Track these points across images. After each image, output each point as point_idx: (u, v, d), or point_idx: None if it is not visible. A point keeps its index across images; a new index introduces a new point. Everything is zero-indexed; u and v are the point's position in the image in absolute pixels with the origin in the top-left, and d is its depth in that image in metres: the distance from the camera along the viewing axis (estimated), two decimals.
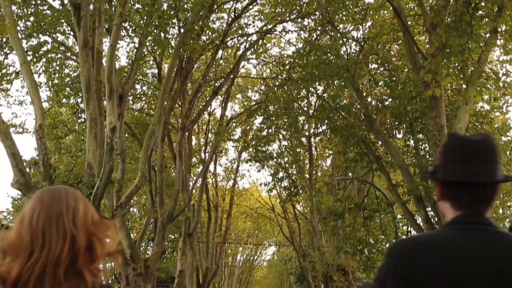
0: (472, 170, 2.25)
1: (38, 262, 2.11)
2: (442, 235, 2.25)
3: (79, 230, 2.23)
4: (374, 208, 24.97)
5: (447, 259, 2.14)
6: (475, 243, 2.16)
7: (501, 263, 2.08)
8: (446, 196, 2.33)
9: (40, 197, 2.35)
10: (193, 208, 41.86)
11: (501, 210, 24.53)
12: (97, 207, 19.32)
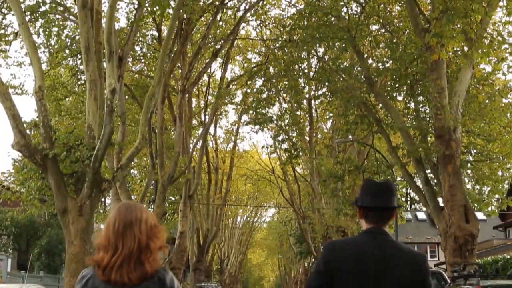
0: (377, 200, 3.48)
1: (120, 255, 3.23)
2: (358, 240, 3.51)
3: (142, 234, 3.32)
4: (374, 170, 25.03)
5: (354, 256, 3.38)
6: (374, 245, 3.42)
7: (385, 257, 3.37)
8: (363, 216, 3.57)
9: (119, 209, 3.45)
10: (193, 170, 42.02)
11: (500, 172, 24.60)
12: (97, 169, 19.40)
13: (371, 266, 3.30)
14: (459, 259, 16.61)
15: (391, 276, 3.27)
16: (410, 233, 59.99)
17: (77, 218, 19.18)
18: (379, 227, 3.49)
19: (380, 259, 3.33)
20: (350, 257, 3.35)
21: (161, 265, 3.36)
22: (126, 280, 3.21)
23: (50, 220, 35.14)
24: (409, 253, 3.44)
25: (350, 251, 3.39)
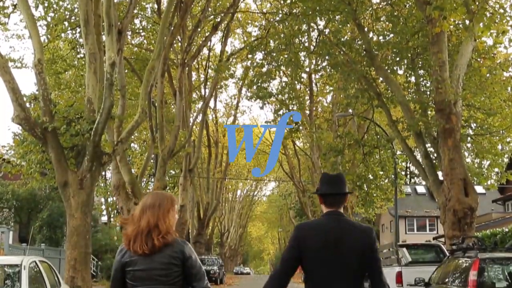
0: (332, 188, 4.43)
1: (135, 231, 4.15)
2: (319, 220, 4.47)
3: (153, 217, 4.17)
4: (373, 144, 25.06)
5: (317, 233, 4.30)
6: (333, 223, 4.34)
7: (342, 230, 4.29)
8: (323, 202, 4.47)
9: (147, 196, 4.42)
10: (193, 144, 42.07)
11: (500, 146, 24.62)
12: (97, 142, 19.42)
13: (332, 237, 4.27)
14: (458, 232, 16.71)
15: (346, 243, 4.25)
16: (410, 207, 60.25)
17: (77, 191, 19.25)
18: (336, 209, 4.43)
19: (338, 232, 4.29)
20: (316, 233, 4.33)
21: (176, 239, 4.18)
22: (140, 251, 4.09)
23: (51, 193, 35.28)
24: (360, 227, 4.41)
25: (316, 229, 4.38)
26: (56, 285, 9.66)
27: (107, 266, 39.83)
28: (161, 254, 4.08)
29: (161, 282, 4.06)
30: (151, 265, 4.07)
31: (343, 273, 4.21)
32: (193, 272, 4.14)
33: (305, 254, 4.26)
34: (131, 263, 4.14)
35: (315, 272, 4.24)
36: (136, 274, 4.12)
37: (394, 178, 27.32)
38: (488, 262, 10.25)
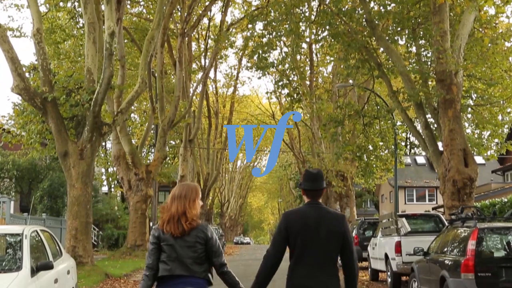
0: (312, 185, 5.29)
1: (167, 216, 5.11)
2: (302, 209, 5.29)
3: (181, 206, 5.13)
4: (374, 114, 25.03)
5: (301, 218, 5.18)
6: (312, 211, 5.22)
7: (320, 217, 5.17)
8: (305, 194, 5.34)
9: (176, 187, 5.32)
10: (193, 114, 42.03)
11: (500, 117, 24.58)
12: (97, 112, 19.40)
13: (312, 222, 5.19)
14: (457, 202, 16.79)
15: (324, 227, 5.19)
16: (409, 177, 60.43)
17: (78, 161, 19.30)
18: (315, 200, 5.37)
19: (317, 218, 5.20)
20: (299, 219, 5.22)
21: (200, 223, 5.19)
22: (172, 232, 5.11)
23: (52, 164, 35.35)
24: (334, 214, 5.34)
25: (299, 216, 5.26)
26: (57, 254, 9.72)
27: (108, 236, 40.10)
28: (189, 236, 5.12)
29: (188, 256, 5.10)
30: (180, 242, 5.10)
31: (320, 251, 5.17)
32: (214, 250, 5.18)
33: (291, 235, 5.19)
34: (165, 239, 5.15)
35: (297, 250, 5.17)
36: (170, 249, 5.13)
37: (394, 149, 27.34)
38: (487, 232, 10.31)
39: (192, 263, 5.08)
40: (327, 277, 5.12)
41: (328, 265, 5.15)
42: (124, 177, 30.49)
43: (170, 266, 5.07)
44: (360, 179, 37.54)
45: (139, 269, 23.64)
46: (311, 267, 5.12)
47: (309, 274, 5.10)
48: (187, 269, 5.07)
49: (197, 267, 5.09)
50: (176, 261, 5.07)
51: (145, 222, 30.66)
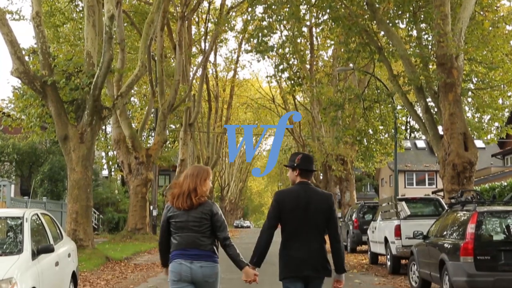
0: (307, 166, 5.86)
1: (177, 192, 5.69)
2: (294, 188, 5.80)
3: (192, 183, 5.70)
4: (374, 98, 24.98)
5: (292, 197, 5.73)
6: (303, 190, 5.75)
7: (309, 196, 5.71)
8: (298, 174, 5.86)
9: (189, 168, 5.93)
10: (193, 98, 41.95)
11: (501, 100, 24.52)
12: (97, 96, 19.37)
13: (302, 200, 5.76)
14: (457, 186, 16.81)
15: (313, 205, 5.75)
16: (409, 161, 60.48)
17: (78, 145, 19.31)
18: (306, 180, 5.92)
19: (307, 197, 5.77)
20: (291, 197, 5.80)
21: (207, 200, 5.74)
22: (181, 207, 5.69)
23: (52, 147, 35.36)
24: (321, 192, 5.91)
25: (290, 195, 5.82)
26: (58, 237, 9.75)
27: (109, 219, 40.21)
28: (196, 210, 5.66)
29: (195, 231, 5.66)
30: (188, 218, 5.65)
31: (309, 226, 5.74)
32: (218, 225, 5.71)
33: (283, 212, 5.74)
34: (174, 216, 5.72)
35: (289, 225, 5.75)
36: (177, 225, 5.71)
37: (394, 133, 27.32)
38: (486, 216, 10.34)
39: (200, 237, 5.66)
40: (317, 250, 5.70)
41: (316, 238, 5.73)
42: (124, 160, 30.52)
43: (181, 240, 5.69)
44: (360, 163, 37.55)
45: (139, 252, 23.75)
46: (301, 240, 5.71)
47: (299, 247, 5.70)
48: (195, 242, 5.65)
49: (205, 240, 5.66)
50: (186, 235, 5.68)
51: (145, 205, 30.74)
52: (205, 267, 5.62)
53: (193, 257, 5.62)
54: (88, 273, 15.75)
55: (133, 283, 14.29)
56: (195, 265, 5.61)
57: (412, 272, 13.08)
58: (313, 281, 5.74)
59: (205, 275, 5.62)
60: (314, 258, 5.67)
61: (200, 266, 5.61)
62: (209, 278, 5.63)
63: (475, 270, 9.73)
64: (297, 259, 5.65)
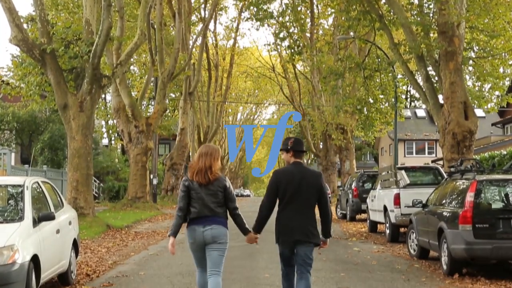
0: (297, 147, 6.86)
1: (196, 168, 6.76)
2: (289, 168, 6.84)
3: (208, 161, 6.74)
4: (374, 67, 24.86)
5: (288, 175, 6.78)
6: (296, 169, 6.79)
7: (302, 174, 6.76)
8: (293, 155, 6.84)
9: (202, 147, 6.97)
10: (193, 67, 41.76)
11: (502, 69, 24.42)
12: (96, 64, 19.29)
13: (296, 178, 6.76)
14: (456, 155, 16.84)
15: (305, 182, 6.75)
16: (409, 130, 60.49)
17: (78, 114, 19.29)
18: (299, 160, 6.93)
19: (300, 175, 6.78)
20: (286, 175, 6.83)
21: (221, 175, 6.83)
22: (200, 181, 6.76)
23: (52, 116, 35.31)
24: (312, 171, 6.94)
25: (286, 173, 6.85)
26: (59, 205, 9.80)
27: (109, 188, 40.34)
28: (212, 185, 6.77)
29: (211, 201, 6.74)
30: (205, 191, 6.75)
31: (302, 200, 6.77)
32: (230, 197, 6.86)
33: (280, 188, 6.80)
34: (193, 188, 6.78)
35: (285, 199, 6.78)
36: (196, 196, 6.76)
37: (394, 102, 27.28)
38: (485, 184, 10.38)
39: (215, 206, 6.75)
40: (307, 220, 6.75)
41: (308, 211, 6.77)
42: (124, 129, 30.52)
43: (199, 209, 6.74)
44: (360, 132, 37.59)
45: (140, 220, 23.88)
46: (295, 212, 6.75)
47: (292, 217, 6.76)
48: (211, 210, 6.74)
49: (219, 209, 6.78)
50: (203, 205, 6.74)
51: (145, 174, 30.82)
52: (216, 229, 6.71)
53: (207, 222, 6.72)
54: (89, 241, 15.87)
55: (134, 251, 14.41)
56: (207, 228, 6.71)
57: (410, 240, 13.17)
58: (303, 245, 6.72)
59: (214, 236, 6.69)
60: (304, 226, 6.73)
61: (211, 228, 6.71)
62: (218, 239, 6.70)
63: (474, 238, 9.80)
64: (289, 226, 6.74)
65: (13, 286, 7.09)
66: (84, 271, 10.88)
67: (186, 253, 13.70)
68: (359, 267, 11.41)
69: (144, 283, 9.74)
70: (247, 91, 70.72)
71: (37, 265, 7.80)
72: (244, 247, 12.17)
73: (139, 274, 10.70)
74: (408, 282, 9.81)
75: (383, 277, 10.21)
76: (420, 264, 11.94)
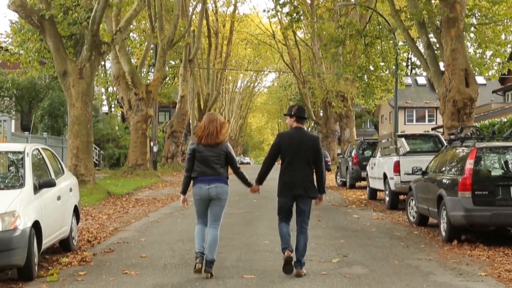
0: (300, 114, 7.92)
1: (205, 132, 7.68)
2: (291, 131, 7.93)
3: (216, 126, 7.66)
4: (375, 34, 24.66)
5: (289, 138, 7.83)
6: (297, 133, 7.83)
7: (302, 137, 7.78)
8: (295, 121, 7.88)
9: (207, 115, 7.89)
10: (193, 34, 41.50)
11: (504, 36, 24.25)
12: (95, 31, 19.15)
13: (296, 141, 7.74)
14: (456, 122, 16.81)
15: (304, 144, 7.72)
16: (410, 98, 60.37)
17: (77, 81, 19.22)
18: (301, 126, 7.87)
19: (300, 138, 7.75)
20: (288, 137, 7.83)
21: (224, 140, 7.74)
22: (209, 142, 7.63)
23: (51, 83, 35.21)
24: (311, 135, 7.94)
25: (288, 136, 7.85)
26: (59, 172, 9.81)
27: (109, 155, 40.42)
28: (217, 147, 7.72)
29: (215, 162, 7.72)
30: (210, 153, 7.71)
31: (300, 159, 7.77)
32: (232, 159, 7.88)
33: (282, 149, 7.84)
34: (199, 151, 7.74)
35: (286, 158, 7.82)
36: (201, 157, 7.74)
37: (395, 69, 27.15)
38: (485, 151, 10.38)
39: (218, 167, 7.75)
40: (306, 177, 7.77)
41: (306, 169, 7.78)
42: (124, 97, 30.45)
43: (203, 169, 7.73)
44: (360, 99, 37.47)
45: (140, 188, 23.98)
46: (295, 169, 7.78)
47: (293, 174, 7.78)
48: (215, 170, 7.73)
49: (221, 169, 7.77)
50: (207, 165, 7.72)
51: (145, 142, 30.86)
52: (220, 187, 7.72)
53: (211, 181, 7.70)
54: (90, 208, 15.96)
55: (134, 218, 14.49)
56: (212, 186, 7.70)
57: (410, 207, 13.23)
58: (303, 199, 7.79)
59: (218, 193, 7.72)
60: (303, 182, 7.75)
61: (215, 186, 7.70)
62: (221, 195, 7.74)
63: (473, 205, 9.85)
64: (290, 183, 7.78)
65: (15, 252, 7.14)
66: (85, 238, 10.96)
67: (186, 220, 13.82)
68: (359, 234, 11.48)
69: (145, 249, 9.81)
70: (247, 59, 70.36)
71: (39, 231, 7.84)
72: (244, 214, 12.23)
73: (139, 240, 10.77)
74: (407, 248, 9.87)
75: (382, 244, 10.28)
76: (419, 231, 12.02)
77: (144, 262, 8.68)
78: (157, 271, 8.04)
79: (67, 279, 7.59)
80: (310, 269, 8.04)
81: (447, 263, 8.66)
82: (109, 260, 8.84)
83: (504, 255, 9.23)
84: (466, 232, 10.73)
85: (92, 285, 7.27)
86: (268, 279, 7.54)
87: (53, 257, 9.06)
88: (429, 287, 7.14)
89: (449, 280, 7.52)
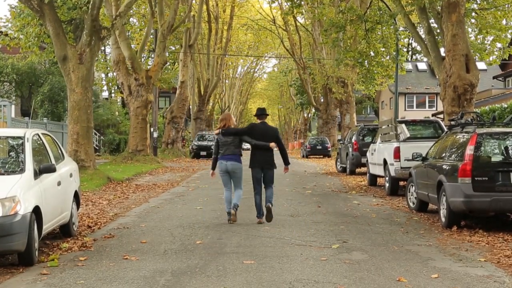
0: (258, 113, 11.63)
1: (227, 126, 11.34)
2: (258, 124, 11.42)
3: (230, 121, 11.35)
4: (376, 20, 24.55)
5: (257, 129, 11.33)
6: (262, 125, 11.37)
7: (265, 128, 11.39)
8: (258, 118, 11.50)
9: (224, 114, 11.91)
10: (193, 19, 41.36)
11: (504, 21, 24.12)
12: (95, 16, 19.09)
13: (261, 130, 11.16)
14: (457, 108, 16.80)
15: (267, 133, 11.17)
16: (410, 84, 60.27)
17: (77, 66, 19.18)
18: (264, 120, 11.34)
19: (264, 128, 11.21)
20: (256, 128, 11.21)
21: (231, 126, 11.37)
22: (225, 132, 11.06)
23: (51, 68, 35.14)
24: (272, 128, 11.59)
25: (256, 127, 11.22)
26: (60, 157, 9.80)
27: (109, 141, 40.44)
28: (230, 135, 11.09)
29: (232, 145, 10.96)
30: (228, 139, 10.97)
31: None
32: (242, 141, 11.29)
33: (252, 136, 11.01)
34: (221, 139, 11.05)
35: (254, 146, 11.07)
36: (223, 143, 11.02)
37: (395, 55, 27.07)
38: (486, 137, 10.37)
39: (234, 149, 11.01)
40: (268, 156, 11.15)
41: (269, 151, 11.11)
42: (124, 82, 30.40)
43: (224, 150, 10.99)
44: (360, 85, 37.41)
45: (140, 173, 24.00)
46: (261, 151, 11.05)
47: (260, 154, 11.09)
48: (232, 151, 11.00)
49: (237, 150, 11.05)
50: (227, 148, 10.98)
51: (146, 127, 30.84)
52: (234, 163, 10.96)
53: (229, 159, 10.93)
54: (90, 193, 15.98)
55: (134, 203, 14.52)
56: (229, 162, 10.93)
57: (410, 193, 13.25)
58: (268, 170, 11.10)
59: (234, 168, 10.94)
60: (268, 159, 11.11)
61: (231, 163, 10.93)
62: (236, 170, 10.95)
63: (472, 191, 9.85)
64: (259, 159, 11.09)
65: (15, 237, 7.15)
66: (86, 223, 10.98)
67: (186, 205, 13.86)
68: (358, 220, 11.51)
69: (145, 234, 9.84)
70: (247, 44, 70.17)
71: (39, 217, 7.86)
72: (244, 200, 12.24)
73: (140, 226, 10.80)
74: (407, 234, 9.90)
75: (382, 230, 10.30)
76: (419, 217, 12.04)
77: (144, 248, 8.70)
78: (157, 257, 8.06)
79: (67, 264, 7.62)
80: (309, 254, 8.08)
81: (446, 248, 8.68)
82: (109, 246, 8.87)
83: (504, 241, 9.24)
84: (466, 218, 10.76)
85: (93, 270, 7.29)
86: (268, 264, 7.56)
87: (54, 242, 9.08)
88: (429, 272, 7.15)
89: (449, 265, 7.54)
